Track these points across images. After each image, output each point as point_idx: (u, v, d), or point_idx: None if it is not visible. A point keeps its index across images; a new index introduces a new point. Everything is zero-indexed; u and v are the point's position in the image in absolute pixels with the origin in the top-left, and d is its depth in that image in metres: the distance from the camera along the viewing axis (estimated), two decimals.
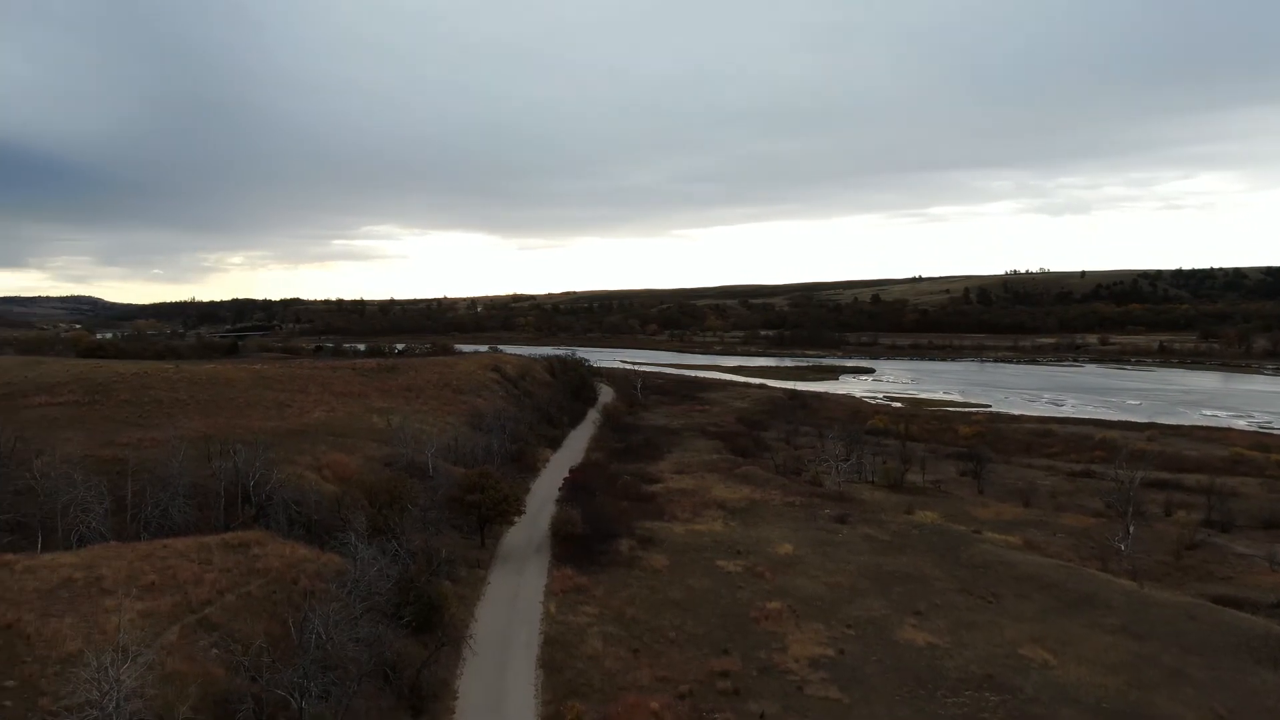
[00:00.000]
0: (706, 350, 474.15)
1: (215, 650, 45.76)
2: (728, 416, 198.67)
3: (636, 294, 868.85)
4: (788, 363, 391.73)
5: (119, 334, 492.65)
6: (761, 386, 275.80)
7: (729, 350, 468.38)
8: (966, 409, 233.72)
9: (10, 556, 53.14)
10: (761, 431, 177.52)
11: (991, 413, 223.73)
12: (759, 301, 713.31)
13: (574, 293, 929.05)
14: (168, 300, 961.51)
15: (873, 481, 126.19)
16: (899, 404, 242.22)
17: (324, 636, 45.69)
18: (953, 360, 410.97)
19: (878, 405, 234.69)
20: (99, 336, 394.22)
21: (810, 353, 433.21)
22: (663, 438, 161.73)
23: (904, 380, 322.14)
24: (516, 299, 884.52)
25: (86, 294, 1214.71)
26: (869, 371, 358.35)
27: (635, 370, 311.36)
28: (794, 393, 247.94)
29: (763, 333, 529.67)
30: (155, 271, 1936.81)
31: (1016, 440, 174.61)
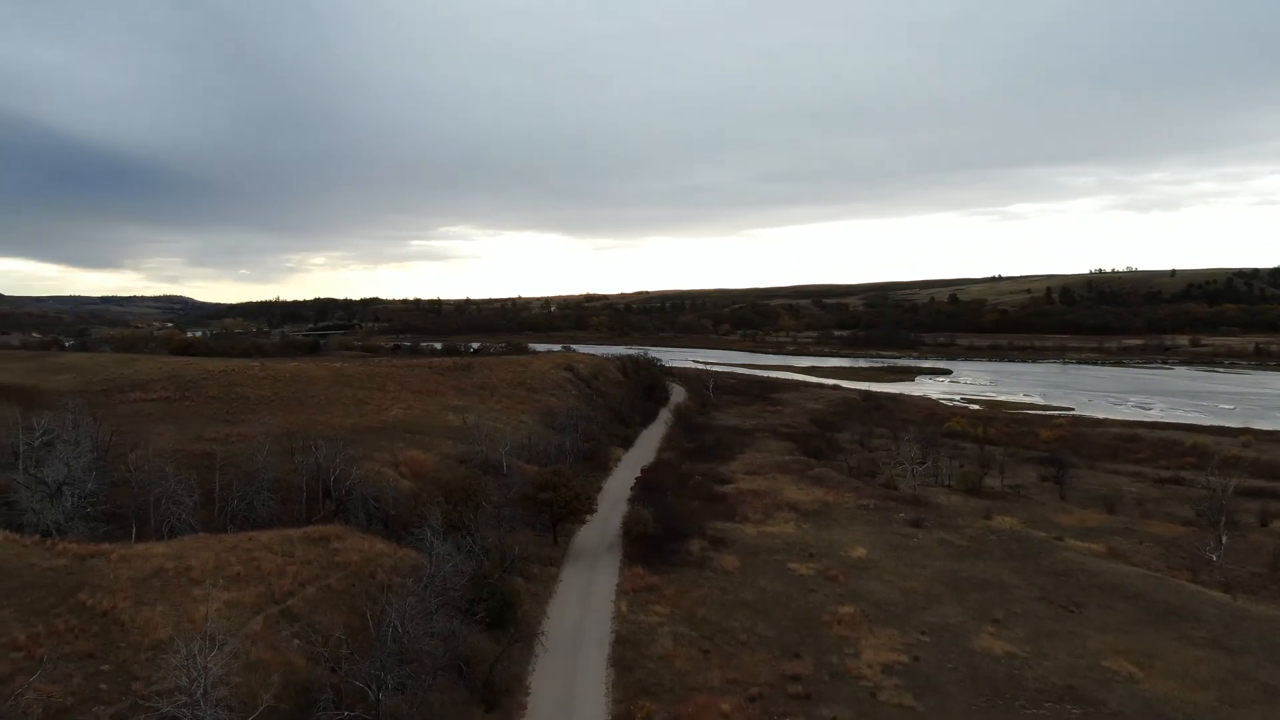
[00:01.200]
0: (779, 350, 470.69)
1: (297, 641, 47.11)
2: (800, 417, 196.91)
3: (709, 294, 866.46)
4: (862, 363, 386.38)
5: (208, 332, 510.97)
6: (835, 387, 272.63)
7: (802, 350, 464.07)
8: (1048, 412, 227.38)
9: (108, 546, 55.57)
10: (835, 433, 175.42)
11: (1074, 416, 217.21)
12: (833, 301, 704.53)
13: (646, 292, 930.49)
14: (254, 300, 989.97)
15: (949, 485, 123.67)
16: (977, 406, 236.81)
17: (400, 630, 46.68)
18: (1033, 362, 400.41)
19: (955, 407, 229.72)
20: (189, 335, 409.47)
21: (885, 353, 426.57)
22: (735, 438, 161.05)
23: (982, 382, 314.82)
24: (589, 299, 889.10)
25: (178, 294, 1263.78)
26: (946, 373, 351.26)
27: (707, 370, 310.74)
28: (868, 394, 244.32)
29: (836, 333, 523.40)
30: (242, 272, 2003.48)
31: (1101, 445, 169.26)
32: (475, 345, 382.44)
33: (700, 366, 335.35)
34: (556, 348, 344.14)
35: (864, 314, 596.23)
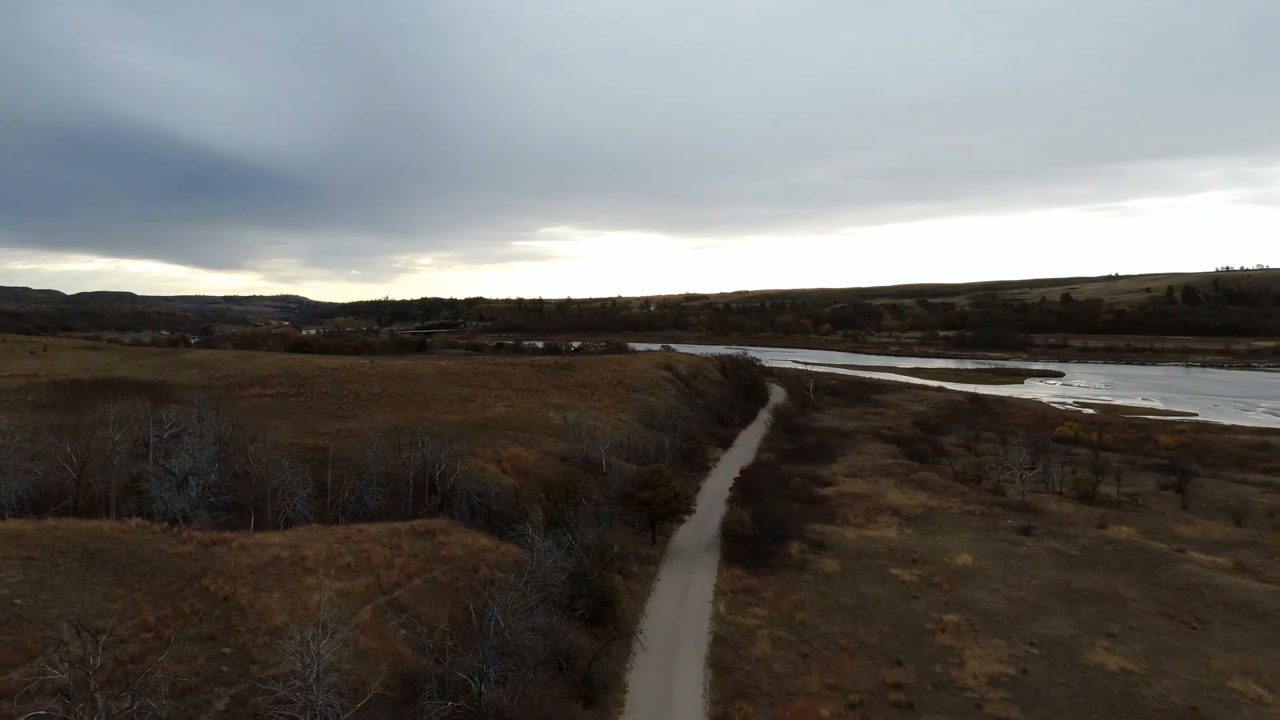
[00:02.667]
0: (882, 351, 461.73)
1: (403, 631, 48.54)
2: (904, 420, 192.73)
3: (809, 293, 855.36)
4: (968, 365, 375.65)
5: (321, 330, 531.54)
6: (940, 389, 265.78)
7: (905, 351, 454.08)
8: (1168, 417, 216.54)
9: (229, 534, 58.37)
10: (940, 436, 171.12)
11: (1198, 422, 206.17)
12: (938, 301, 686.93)
13: (746, 292, 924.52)
14: (364, 299, 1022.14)
15: (1060, 492, 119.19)
16: (1091, 410, 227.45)
17: (502, 624, 47.59)
18: (1153, 364, 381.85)
19: (1067, 411, 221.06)
20: (304, 333, 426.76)
21: (993, 355, 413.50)
22: (835, 440, 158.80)
23: (1097, 385, 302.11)
24: (689, 298, 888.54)
25: (294, 293, 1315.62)
26: (1057, 375, 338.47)
27: (807, 370, 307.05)
28: (975, 396, 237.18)
29: (942, 334, 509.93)
30: (354, 272, 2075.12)
31: (1227, 453, 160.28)
32: (576, 344, 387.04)
33: (800, 367, 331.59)
34: (656, 347, 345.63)
35: (971, 314, 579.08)
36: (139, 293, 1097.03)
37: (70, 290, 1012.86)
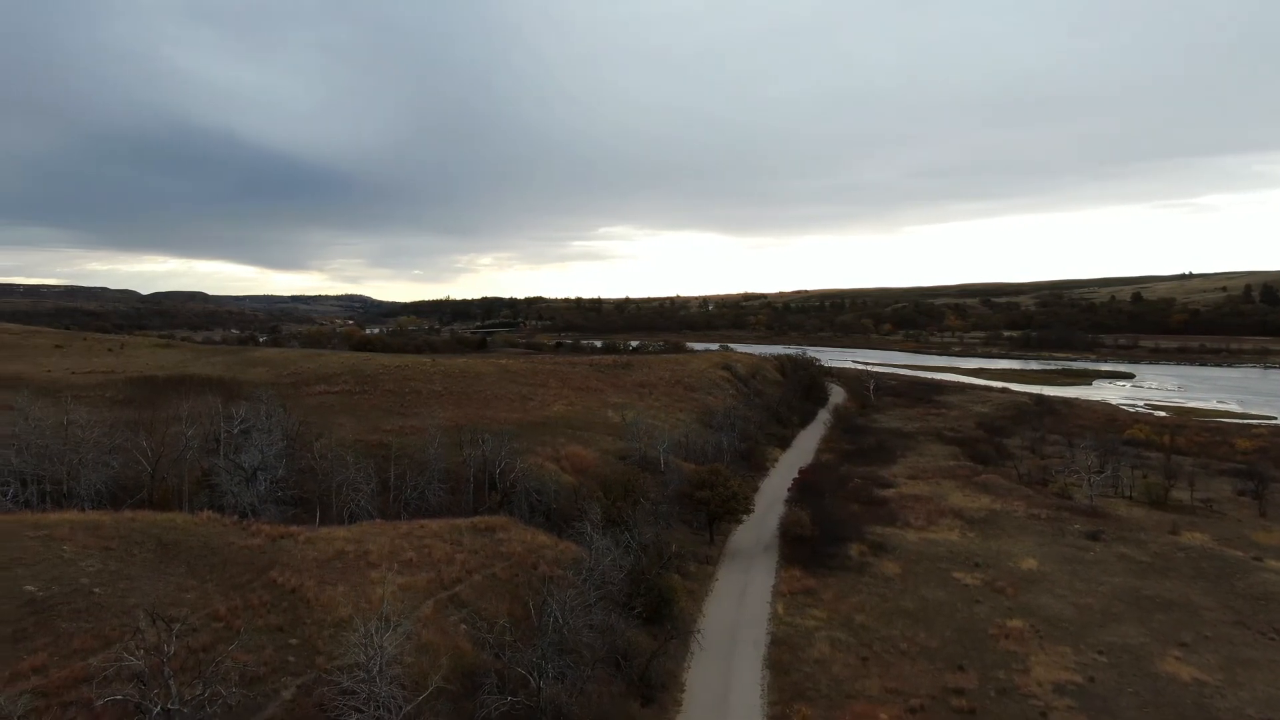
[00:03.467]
0: (944, 351, 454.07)
1: (464, 626, 49.21)
2: (966, 421, 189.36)
3: (869, 292, 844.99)
4: (1034, 366, 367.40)
5: (384, 329, 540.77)
6: (1004, 390, 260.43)
7: (968, 351, 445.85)
8: (1245, 420, 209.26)
9: (295, 528, 59.77)
10: (1003, 438, 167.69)
11: (1277, 426, 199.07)
12: (1002, 300, 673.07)
13: (805, 291, 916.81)
14: (426, 298, 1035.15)
15: (1130, 497, 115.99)
16: (1163, 413, 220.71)
17: (561, 621, 47.95)
18: (1229, 366, 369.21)
19: (1137, 414, 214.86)
20: (368, 332, 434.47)
21: (1060, 355, 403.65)
22: (896, 441, 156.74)
23: (1169, 387, 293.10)
24: (747, 298, 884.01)
25: (358, 293, 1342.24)
26: (1127, 376, 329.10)
27: (867, 371, 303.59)
28: (1040, 398, 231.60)
29: (1006, 334, 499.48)
30: (416, 272, 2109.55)
31: None
32: (634, 344, 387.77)
33: (860, 367, 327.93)
34: (714, 347, 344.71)
35: (1036, 314, 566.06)
36: (210, 292, 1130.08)
37: (145, 290, 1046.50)
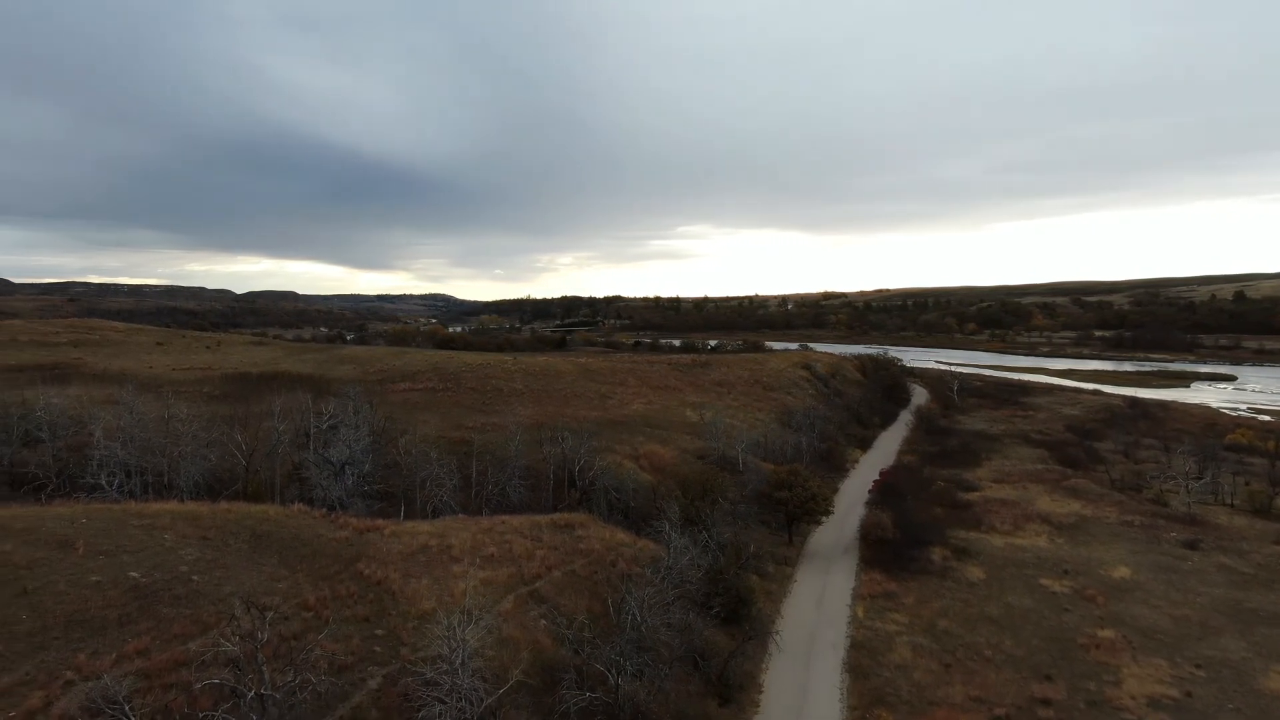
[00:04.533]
0: (1031, 351, 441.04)
1: (544, 621, 49.82)
2: (1055, 423, 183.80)
3: (953, 291, 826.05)
4: (1127, 367, 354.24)
5: (466, 328, 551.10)
6: (1095, 392, 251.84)
7: (1057, 352, 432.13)
8: None
9: (381, 522, 61.39)
10: (1094, 442, 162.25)
11: None
12: (1093, 299, 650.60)
13: (886, 290, 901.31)
14: (507, 297, 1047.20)
15: (1231, 504, 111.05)
16: (1268, 417, 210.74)
17: (639, 619, 48.17)
18: None
19: (1240, 418, 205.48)
20: (450, 330, 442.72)
21: (1155, 356, 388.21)
22: (981, 443, 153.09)
23: (1275, 390, 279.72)
24: (827, 296, 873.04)
25: (441, 292, 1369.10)
26: (1228, 379, 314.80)
27: (951, 371, 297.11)
28: (1134, 400, 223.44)
29: (1098, 334, 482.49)
30: (497, 271, 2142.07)
31: None
32: (713, 343, 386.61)
33: (944, 367, 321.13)
34: (793, 346, 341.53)
35: (1130, 313, 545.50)
36: (300, 291, 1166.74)
37: (240, 290, 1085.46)
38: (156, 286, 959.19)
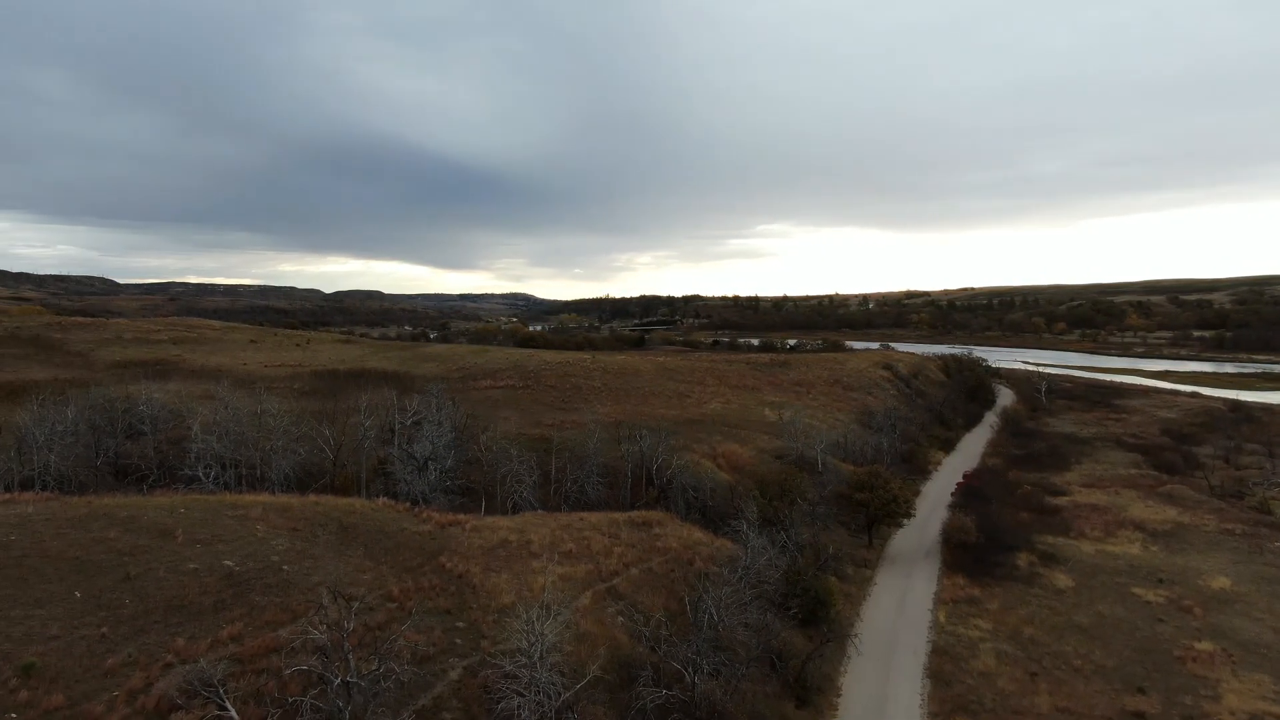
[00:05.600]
0: (1125, 352, 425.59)
1: (621, 618, 50.09)
2: (1150, 427, 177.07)
3: (1042, 290, 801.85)
4: (1228, 369, 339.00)
5: (546, 327, 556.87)
6: (1194, 395, 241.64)
7: (1153, 353, 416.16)
8: None
9: (462, 516, 62.58)
10: (1193, 446, 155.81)
11: None
12: (1192, 298, 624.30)
13: (971, 288, 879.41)
14: (586, 296, 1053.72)
15: None
16: None
17: (716, 618, 48.06)
18: None
19: None
20: (531, 329, 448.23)
21: (1259, 358, 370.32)
22: (1070, 446, 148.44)
23: None
24: (909, 295, 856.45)
25: (521, 291, 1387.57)
26: None
27: (1039, 372, 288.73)
28: (1237, 403, 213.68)
29: (1197, 334, 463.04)
30: (576, 271, 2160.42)
31: None
32: (792, 342, 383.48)
33: (1031, 368, 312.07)
34: (874, 345, 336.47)
35: (1233, 312, 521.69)
36: (386, 291, 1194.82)
37: (328, 289, 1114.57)
38: (250, 286, 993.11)
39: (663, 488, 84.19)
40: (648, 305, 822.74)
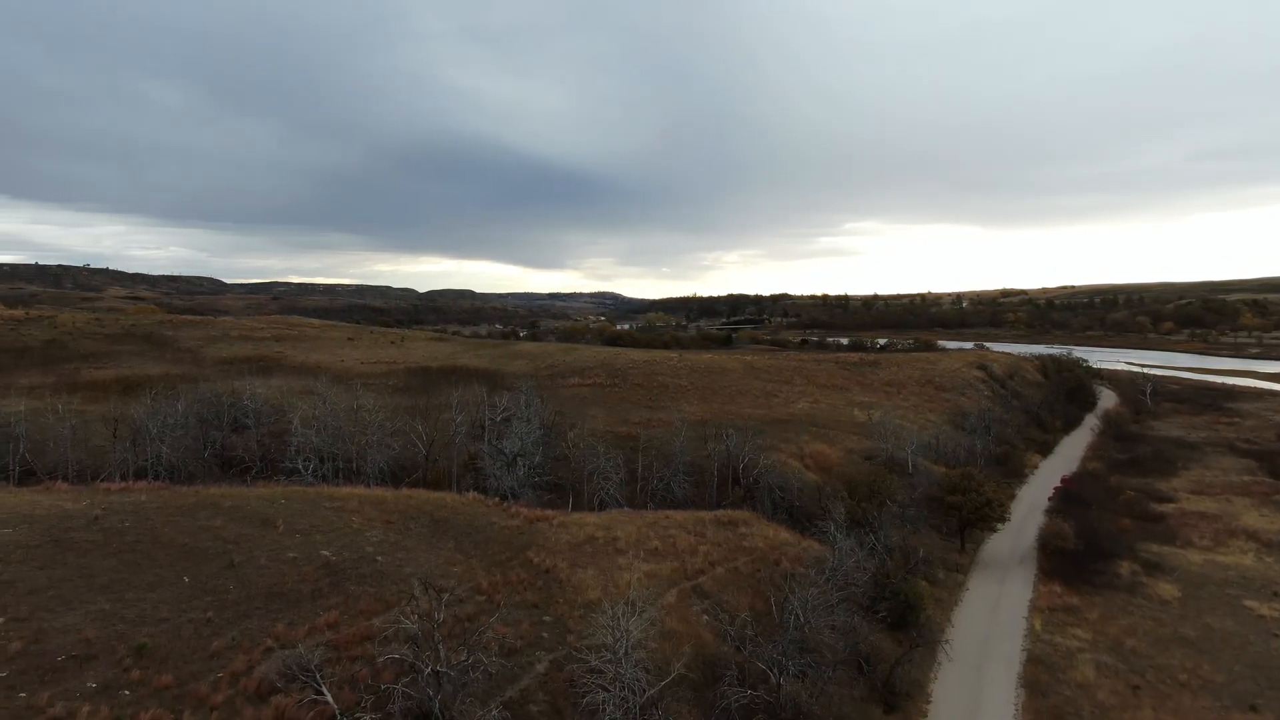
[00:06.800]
0: (1238, 353, 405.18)
1: (706, 617, 50.05)
2: (1265, 432, 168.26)
3: (1147, 288, 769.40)
4: None
5: (634, 325, 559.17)
6: None
7: (1269, 354, 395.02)
8: None
9: (550, 512, 63.44)
10: None
11: None
12: None
13: (1070, 287, 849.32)
14: (673, 295, 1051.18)
15: None
16: None
17: (803, 619, 47.62)
18: None
19: None
20: (618, 327, 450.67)
21: None
22: (1176, 451, 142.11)
23: None
24: (1005, 294, 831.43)
25: (609, 290, 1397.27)
26: None
27: (1143, 373, 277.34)
28: None
29: None
30: (664, 270, 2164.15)
31: None
32: (882, 341, 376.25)
33: (1135, 369, 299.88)
34: (968, 345, 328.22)
35: None
36: (477, 290, 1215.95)
37: (422, 289, 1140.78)
38: (348, 286, 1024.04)
39: (749, 487, 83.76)
40: (735, 304, 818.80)
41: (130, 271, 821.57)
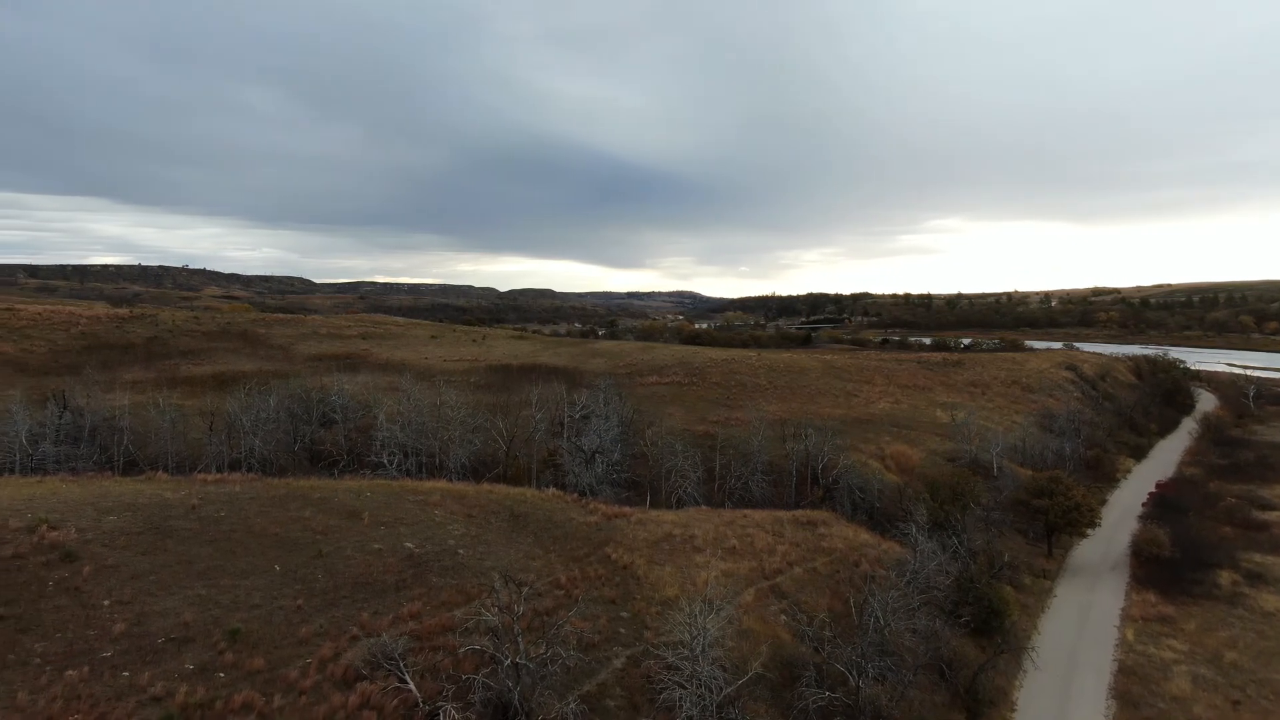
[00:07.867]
0: None
1: (784, 617, 49.73)
2: None
3: (1251, 285, 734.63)
4: None
5: (712, 324, 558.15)
6: None
7: None
8: None
9: (628, 509, 63.77)
10: None
11: None
12: None
13: (1166, 285, 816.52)
14: (752, 294, 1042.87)
15: None
16: None
17: (882, 621, 46.91)
18: None
19: None
20: (697, 326, 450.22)
21: None
22: None
23: None
24: (1096, 292, 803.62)
25: (688, 289, 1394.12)
26: None
27: (1246, 375, 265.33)
28: None
29: None
30: (742, 269, 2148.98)
31: None
32: (966, 341, 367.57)
33: (1237, 371, 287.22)
34: (1057, 345, 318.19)
35: None
36: (557, 289, 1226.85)
37: (503, 288, 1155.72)
38: (432, 285, 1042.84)
39: (828, 487, 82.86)
40: (814, 303, 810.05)
41: (226, 272, 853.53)
